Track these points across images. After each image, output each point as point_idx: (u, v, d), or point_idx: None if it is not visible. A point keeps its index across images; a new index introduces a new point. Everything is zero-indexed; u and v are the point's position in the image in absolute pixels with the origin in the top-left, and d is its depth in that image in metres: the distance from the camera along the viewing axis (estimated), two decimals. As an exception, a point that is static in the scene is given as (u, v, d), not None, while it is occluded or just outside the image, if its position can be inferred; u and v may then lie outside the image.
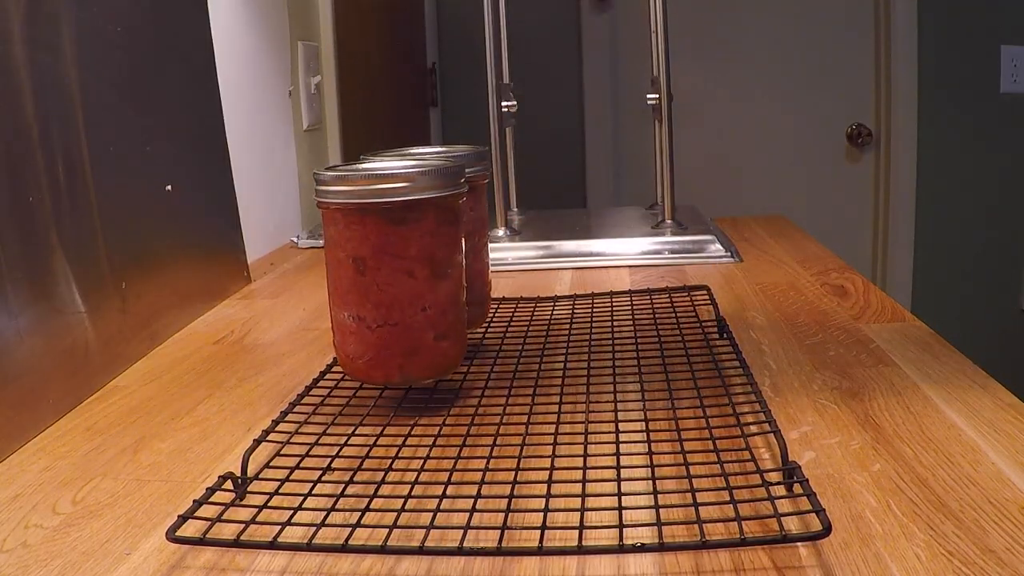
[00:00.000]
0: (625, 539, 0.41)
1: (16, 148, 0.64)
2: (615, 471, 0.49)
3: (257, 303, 0.96)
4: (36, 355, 0.63)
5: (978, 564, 0.40)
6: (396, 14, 2.03)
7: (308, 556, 0.43)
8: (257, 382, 0.71)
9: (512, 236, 1.17)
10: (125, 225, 0.78)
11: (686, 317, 0.80)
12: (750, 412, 0.56)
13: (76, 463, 0.56)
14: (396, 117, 1.99)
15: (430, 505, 0.46)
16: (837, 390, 0.63)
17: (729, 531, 0.44)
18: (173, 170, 0.88)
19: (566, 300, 0.89)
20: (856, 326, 0.78)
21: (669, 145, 1.17)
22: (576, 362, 0.70)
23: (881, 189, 2.38)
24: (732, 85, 2.39)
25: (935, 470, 0.50)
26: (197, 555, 0.44)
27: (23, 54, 0.65)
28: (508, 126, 1.29)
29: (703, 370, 0.65)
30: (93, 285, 0.72)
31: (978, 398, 0.60)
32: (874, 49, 2.34)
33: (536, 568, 0.42)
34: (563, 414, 0.59)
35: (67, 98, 0.71)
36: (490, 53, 1.18)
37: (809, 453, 0.53)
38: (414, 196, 0.57)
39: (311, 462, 0.52)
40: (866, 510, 0.45)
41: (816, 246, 1.17)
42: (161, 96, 0.88)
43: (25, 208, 0.64)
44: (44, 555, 0.45)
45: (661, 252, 1.11)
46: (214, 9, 1.02)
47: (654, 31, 1.20)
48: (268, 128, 1.27)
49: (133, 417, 0.64)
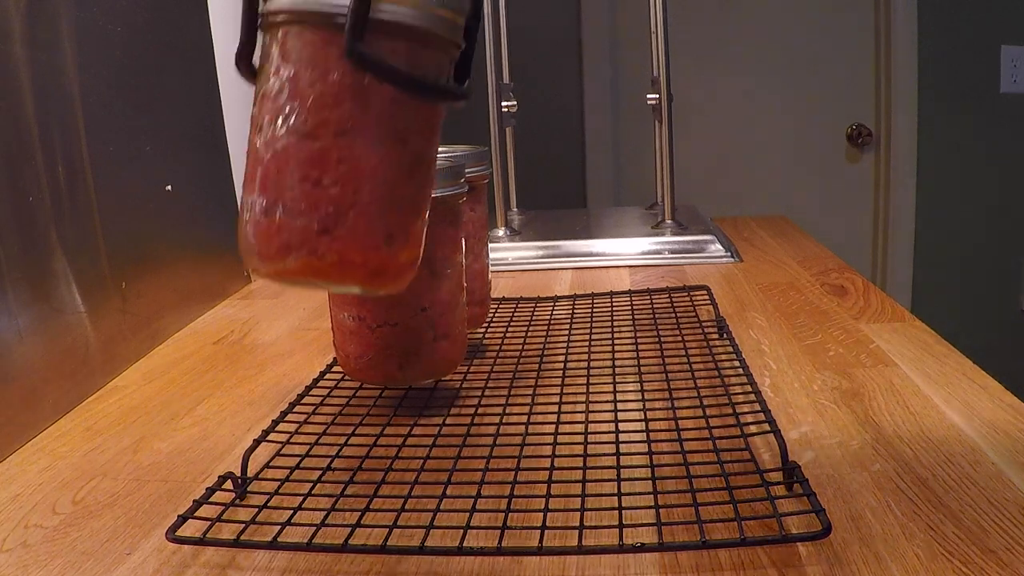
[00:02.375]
0: (625, 539, 0.41)
1: (16, 148, 0.64)
2: (615, 471, 0.49)
3: (257, 303, 0.96)
4: (36, 355, 0.63)
5: (978, 564, 0.40)
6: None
7: (308, 556, 0.43)
8: (257, 382, 0.71)
9: (512, 236, 1.17)
10: (125, 225, 0.78)
11: (686, 317, 0.80)
12: (750, 412, 0.56)
13: (76, 463, 0.56)
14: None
15: (430, 505, 0.46)
16: (837, 390, 0.63)
17: (729, 531, 0.44)
18: (173, 170, 0.88)
19: (566, 300, 0.89)
20: (856, 326, 0.78)
21: (669, 145, 1.17)
22: (576, 362, 0.70)
23: (881, 189, 2.38)
24: (732, 85, 2.39)
25: (935, 470, 0.50)
26: (197, 555, 0.44)
27: (23, 54, 0.65)
28: (508, 126, 1.29)
29: (703, 370, 0.66)
30: (93, 285, 0.72)
31: (978, 398, 0.60)
32: (874, 49, 2.34)
33: (536, 568, 0.42)
34: (563, 414, 0.59)
35: (67, 98, 0.71)
36: (490, 53, 1.18)
37: (809, 453, 0.53)
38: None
39: (311, 462, 0.53)
40: (866, 510, 0.46)
41: (816, 246, 1.17)
42: (161, 96, 0.88)
43: (25, 208, 0.64)
44: (44, 555, 0.45)
45: (661, 252, 1.11)
46: (214, 9, 1.02)
47: (654, 31, 1.20)
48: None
49: (133, 417, 0.64)
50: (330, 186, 0.41)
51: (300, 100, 0.40)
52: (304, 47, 0.41)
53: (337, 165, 0.41)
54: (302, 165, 0.41)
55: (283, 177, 0.41)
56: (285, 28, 0.41)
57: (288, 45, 0.41)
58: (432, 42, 0.42)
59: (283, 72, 0.41)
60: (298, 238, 0.41)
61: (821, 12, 2.33)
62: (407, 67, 0.41)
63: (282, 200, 0.41)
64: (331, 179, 0.41)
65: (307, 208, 0.41)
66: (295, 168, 0.41)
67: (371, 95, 0.41)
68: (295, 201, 0.41)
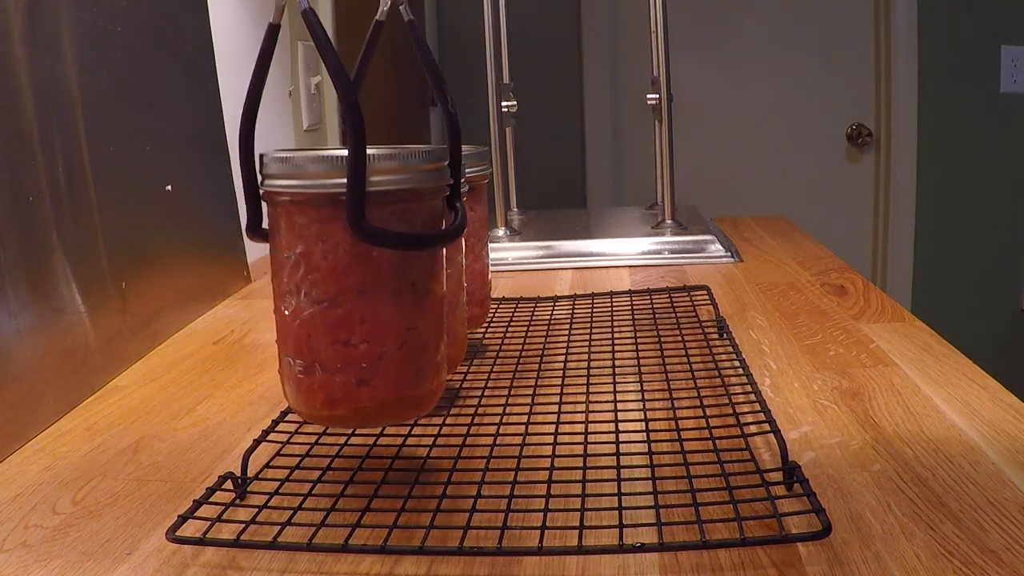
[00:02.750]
0: (625, 539, 0.41)
1: (16, 148, 0.64)
2: (615, 471, 0.49)
3: (257, 303, 0.96)
4: (36, 355, 0.63)
5: (978, 564, 0.40)
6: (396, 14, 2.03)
7: (308, 556, 0.43)
8: (257, 382, 0.71)
9: (512, 236, 1.17)
10: (125, 225, 0.78)
11: (686, 317, 0.80)
12: (750, 412, 0.56)
13: (76, 463, 0.56)
14: (396, 117, 1.99)
15: (430, 505, 0.46)
16: (837, 390, 0.63)
17: (729, 531, 0.44)
18: (173, 170, 0.88)
19: (566, 300, 0.89)
20: (856, 326, 0.78)
21: (669, 145, 1.17)
22: (576, 362, 0.70)
23: (881, 189, 2.38)
24: (732, 85, 2.39)
25: (935, 470, 0.50)
26: (197, 555, 0.44)
27: (23, 54, 0.65)
28: (508, 126, 1.29)
29: (703, 370, 0.66)
30: (93, 285, 0.72)
31: (978, 398, 0.60)
32: (874, 49, 2.34)
33: (536, 568, 0.42)
34: (563, 414, 0.59)
35: (67, 98, 0.71)
36: (490, 53, 1.18)
37: (809, 453, 0.53)
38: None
39: (311, 462, 0.53)
40: (866, 510, 0.46)
41: (816, 246, 1.17)
42: (161, 96, 0.88)
43: (25, 208, 0.64)
44: (44, 555, 0.45)
45: (661, 252, 1.11)
46: (214, 9, 1.02)
47: (654, 31, 1.20)
48: (268, 128, 1.27)
49: (133, 417, 0.64)
50: (359, 344, 0.46)
51: (317, 273, 0.45)
52: (310, 224, 0.45)
53: (361, 325, 0.46)
54: (331, 330, 0.46)
55: (315, 341, 0.46)
56: (289, 207, 0.46)
57: (295, 220, 0.46)
58: (424, 195, 0.47)
59: (296, 247, 0.46)
60: (340, 392, 0.46)
61: (821, 12, 2.33)
62: (406, 226, 0.46)
63: (318, 361, 0.46)
64: (359, 338, 0.46)
65: (343, 366, 0.46)
66: (325, 333, 0.46)
67: (379, 258, 0.45)
68: (331, 360, 0.46)
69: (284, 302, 0.47)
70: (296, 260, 0.46)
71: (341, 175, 0.44)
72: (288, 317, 0.47)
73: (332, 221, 0.45)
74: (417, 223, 0.47)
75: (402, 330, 0.46)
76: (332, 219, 0.45)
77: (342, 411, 0.47)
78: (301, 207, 0.45)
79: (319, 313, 0.46)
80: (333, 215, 0.44)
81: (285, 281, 0.47)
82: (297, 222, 0.46)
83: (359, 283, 0.45)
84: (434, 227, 0.48)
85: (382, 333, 0.46)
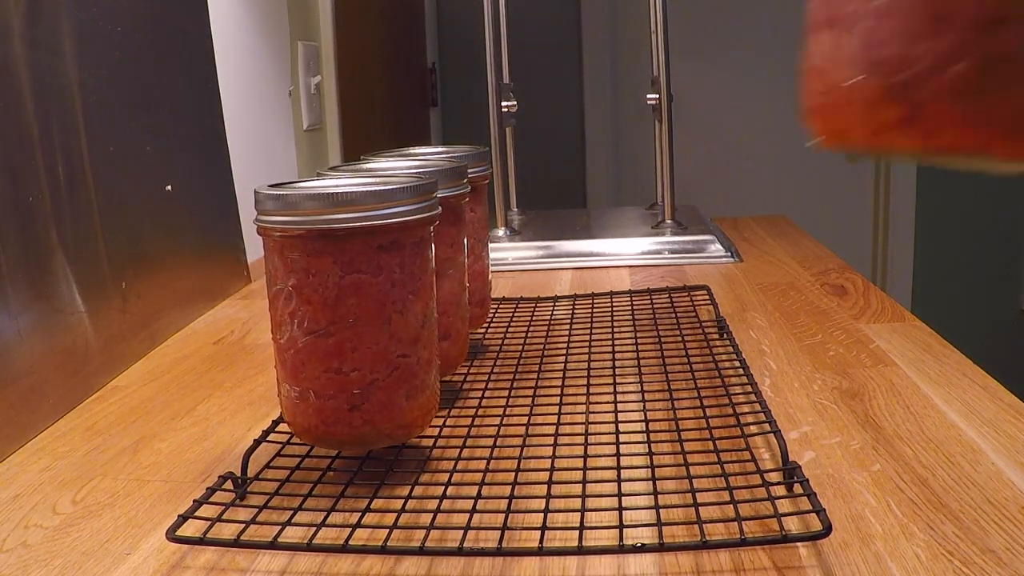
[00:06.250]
0: (625, 539, 0.41)
1: (16, 148, 0.64)
2: (615, 471, 0.49)
3: (257, 303, 0.96)
4: (36, 355, 0.63)
5: (978, 564, 0.40)
6: (396, 14, 2.03)
7: (308, 556, 0.43)
8: (257, 382, 0.71)
9: (512, 236, 1.17)
10: (125, 225, 0.78)
11: (686, 317, 0.80)
12: (750, 412, 0.56)
13: (76, 463, 0.56)
14: (396, 117, 1.99)
15: (430, 505, 0.46)
16: (837, 390, 0.63)
17: (729, 531, 0.44)
18: (173, 170, 0.88)
19: (566, 300, 0.89)
20: (856, 326, 0.78)
21: (669, 145, 1.17)
22: (576, 362, 0.70)
23: (881, 189, 2.38)
24: (733, 85, 2.39)
25: (935, 470, 0.50)
26: (197, 555, 0.44)
27: (23, 54, 0.65)
28: (508, 126, 1.29)
29: (703, 370, 0.66)
30: (93, 285, 0.72)
31: (978, 398, 0.60)
32: (874, 49, 2.33)
33: (536, 568, 0.42)
34: (563, 414, 0.59)
35: (67, 98, 0.71)
36: (490, 53, 1.18)
37: (809, 453, 0.53)
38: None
39: (311, 462, 0.53)
40: (866, 510, 0.46)
41: (816, 246, 1.17)
42: (161, 96, 0.88)
43: (25, 208, 0.64)
44: (44, 555, 0.45)
45: (661, 252, 1.11)
46: (214, 9, 1.02)
47: (654, 31, 1.20)
48: (268, 128, 1.27)
49: (133, 417, 0.64)
50: (350, 372, 0.48)
51: (309, 305, 0.48)
52: (301, 258, 0.48)
53: (352, 353, 0.48)
54: (323, 359, 0.48)
55: (308, 369, 0.48)
56: (281, 241, 0.48)
57: (287, 255, 0.48)
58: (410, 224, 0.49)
59: (289, 280, 0.48)
60: (332, 417, 0.49)
61: (821, 12, 2.33)
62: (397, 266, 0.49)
63: (312, 388, 0.49)
64: (350, 366, 0.48)
65: (335, 393, 0.48)
66: (317, 362, 0.48)
67: (368, 289, 0.48)
68: (324, 388, 0.48)
69: (279, 331, 0.49)
70: (289, 292, 0.48)
71: (331, 211, 0.46)
72: (284, 345, 0.49)
73: (321, 255, 0.47)
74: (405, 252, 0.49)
75: (392, 357, 0.49)
76: (321, 253, 0.47)
77: (337, 434, 0.49)
78: (292, 242, 0.47)
79: (311, 343, 0.48)
80: (323, 249, 0.47)
81: (279, 312, 0.49)
82: (289, 256, 0.48)
83: (348, 314, 0.48)
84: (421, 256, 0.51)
85: (372, 360, 0.48)
